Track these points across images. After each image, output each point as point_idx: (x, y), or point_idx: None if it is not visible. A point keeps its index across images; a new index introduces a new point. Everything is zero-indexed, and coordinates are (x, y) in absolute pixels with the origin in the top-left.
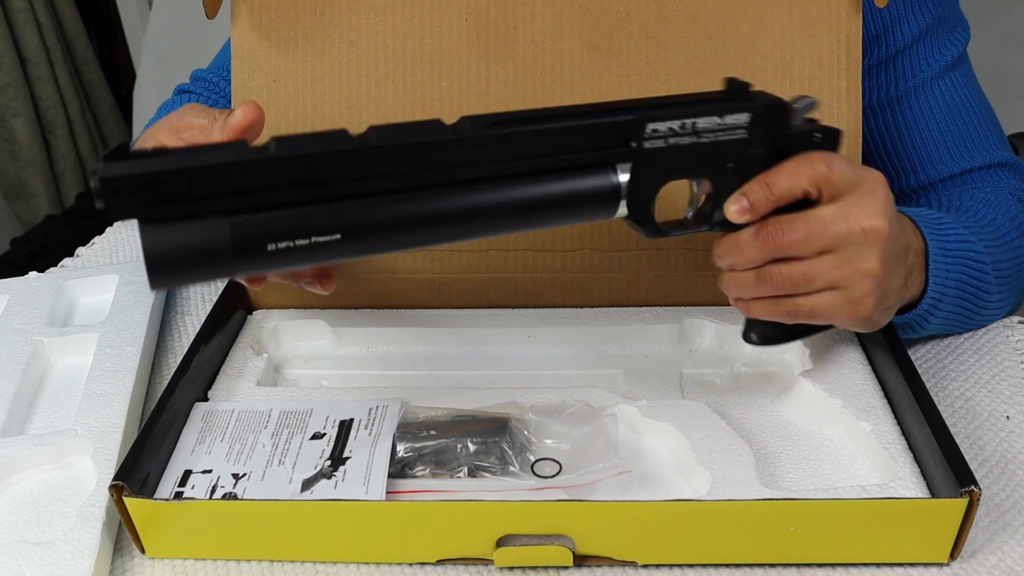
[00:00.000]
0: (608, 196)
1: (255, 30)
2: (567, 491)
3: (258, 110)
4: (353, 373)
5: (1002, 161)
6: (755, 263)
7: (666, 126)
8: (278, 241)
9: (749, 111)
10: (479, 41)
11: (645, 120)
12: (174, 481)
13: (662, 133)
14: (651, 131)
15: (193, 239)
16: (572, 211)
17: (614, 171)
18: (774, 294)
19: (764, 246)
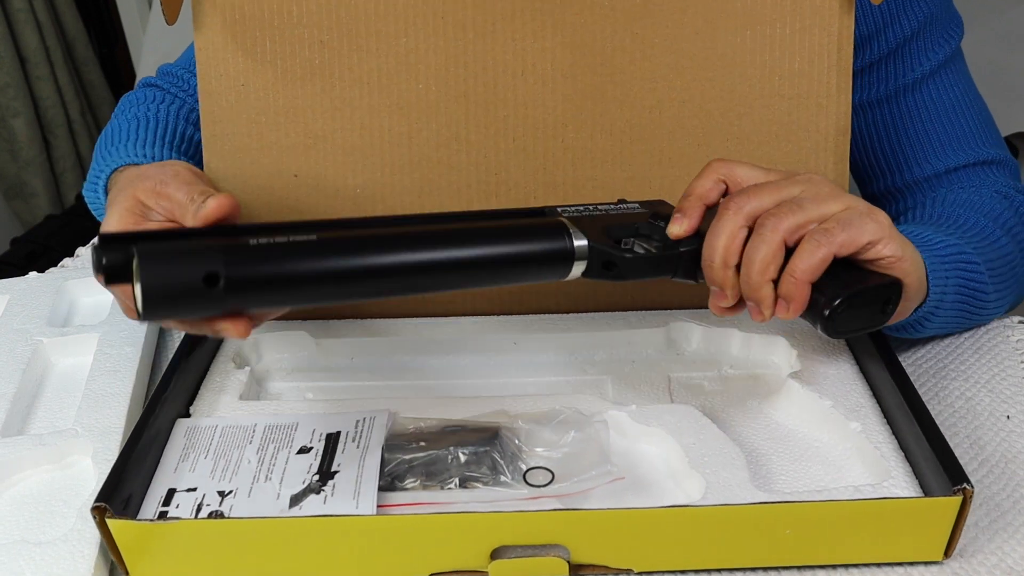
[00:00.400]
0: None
1: (220, 32)
2: (560, 500)
3: (232, 204)
4: (338, 385)
5: (991, 158)
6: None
7: (573, 208)
8: (259, 236)
9: (636, 203)
10: (456, 40)
11: (552, 207)
12: (158, 500)
13: (571, 211)
14: (561, 210)
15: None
16: (533, 267)
17: (569, 235)
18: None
19: (728, 208)
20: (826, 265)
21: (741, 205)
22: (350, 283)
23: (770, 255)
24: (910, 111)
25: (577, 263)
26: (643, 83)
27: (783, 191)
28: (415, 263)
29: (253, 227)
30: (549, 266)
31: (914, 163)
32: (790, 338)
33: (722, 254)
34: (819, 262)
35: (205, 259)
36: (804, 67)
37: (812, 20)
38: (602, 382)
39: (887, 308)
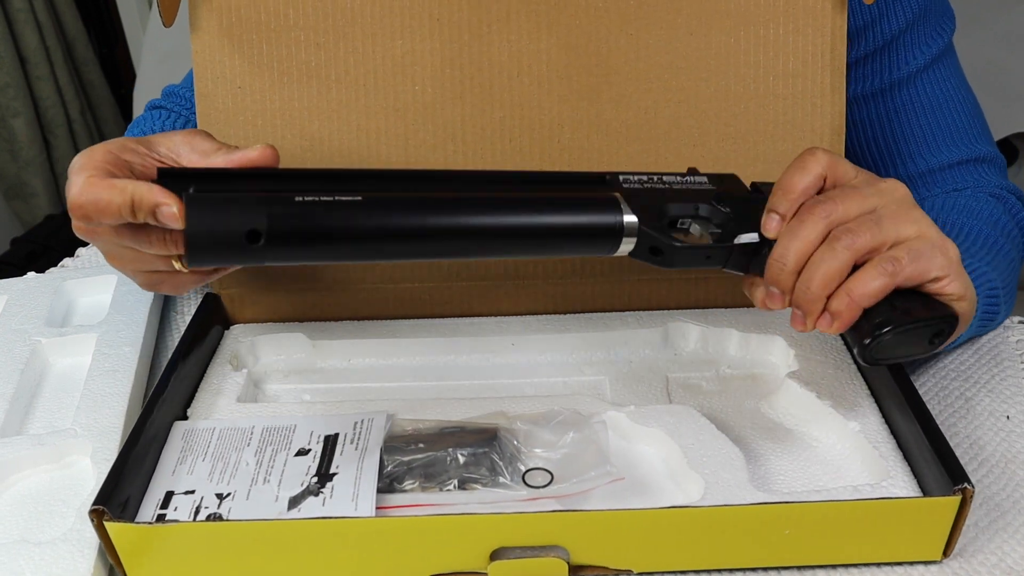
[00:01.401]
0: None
1: (217, 35)
2: (560, 501)
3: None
4: (335, 386)
5: (983, 156)
6: (814, 240)
7: (635, 177)
8: (305, 194)
9: (705, 175)
10: (452, 42)
11: (616, 173)
12: (156, 503)
13: (634, 181)
14: (624, 179)
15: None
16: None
17: (619, 209)
18: (855, 249)
19: (813, 213)
20: (885, 294)
21: (828, 213)
22: (391, 245)
23: (836, 271)
24: (903, 106)
25: (626, 241)
26: (638, 83)
27: (867, 201)
28: (459, 228)
29: (303, 174)
30: (596, 242)
31: (908, 158)
32: (788, 338)
33: (796, 259)
34: (878, 290)
35: (249, 216)
36: (798, 67)
37: (805, 20)
38: (600, 383)
39: (935, 340)
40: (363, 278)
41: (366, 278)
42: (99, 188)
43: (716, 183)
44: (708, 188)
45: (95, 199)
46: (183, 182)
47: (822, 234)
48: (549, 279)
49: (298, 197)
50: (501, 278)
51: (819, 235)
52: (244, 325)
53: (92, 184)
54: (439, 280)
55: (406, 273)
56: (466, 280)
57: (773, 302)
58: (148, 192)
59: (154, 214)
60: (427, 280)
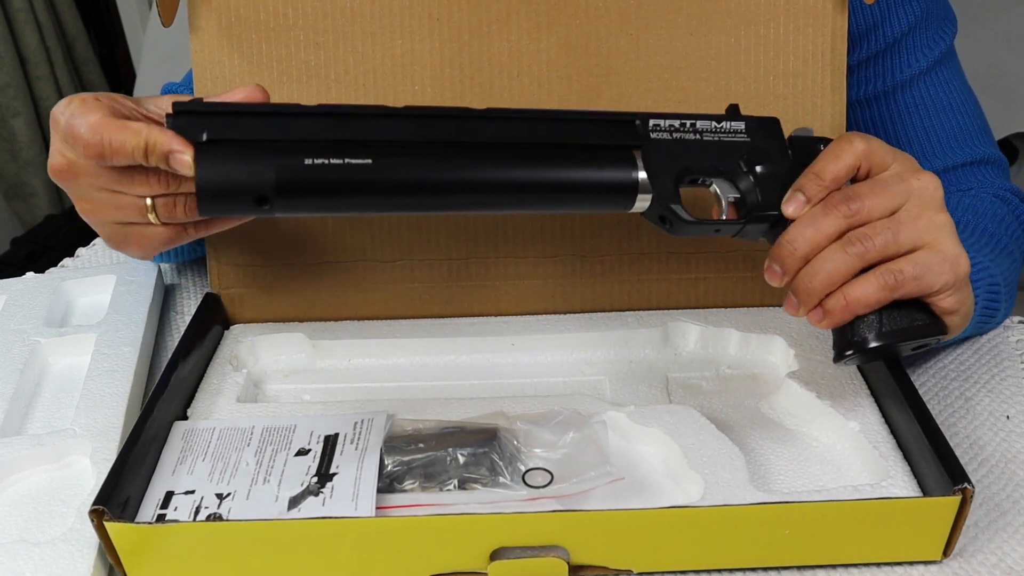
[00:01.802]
0: (627, 187)
1: (216, 34)
2: (560, 501)
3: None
4: (335, 386)
5: (985, 157)
6: (831, 235)
7: (667, 123)
8: (315, 156)
9: (743, 121)
10: (452, 41)
11: (648, 116)
12: (156, 503)
13: (664, 128)
14: (653, 125)
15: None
16: (592, 196)
17: (635, 163)
18: (866, 258)
19: (838, 209)
20: (880, 306)
21: (851, 213)
22: (399, 202)
23: (841, 273)
24: (907, 108)
25: (640, 199)
26: (638, 83)
27: (893, 201)
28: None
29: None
30: (610, 199)
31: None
32: (787, 337)
33: (807, 247)
34: (874, 301)
35: (258, 179)
36: (798, 67)
37: (806, 20)
38: (600, 383)
39: (918, 349)
40: (363, 278)
41: (366, 278)
42: (114, 128)
43: (753, 132)
44: (741, 140)
45: (110, 139)
46: (196, 119)
47: (840, 231)
48: (549, 279)
49: (307, 160)
50: (501, 278)
51: (836, 231)
52: (244, 325)
53: (106, 124)
54: (439, 280)
55: (405, 273)
56: (466, 280)
57: (772, 278)
58: (162, 137)
59: (167, 159)
60: (427, 280)
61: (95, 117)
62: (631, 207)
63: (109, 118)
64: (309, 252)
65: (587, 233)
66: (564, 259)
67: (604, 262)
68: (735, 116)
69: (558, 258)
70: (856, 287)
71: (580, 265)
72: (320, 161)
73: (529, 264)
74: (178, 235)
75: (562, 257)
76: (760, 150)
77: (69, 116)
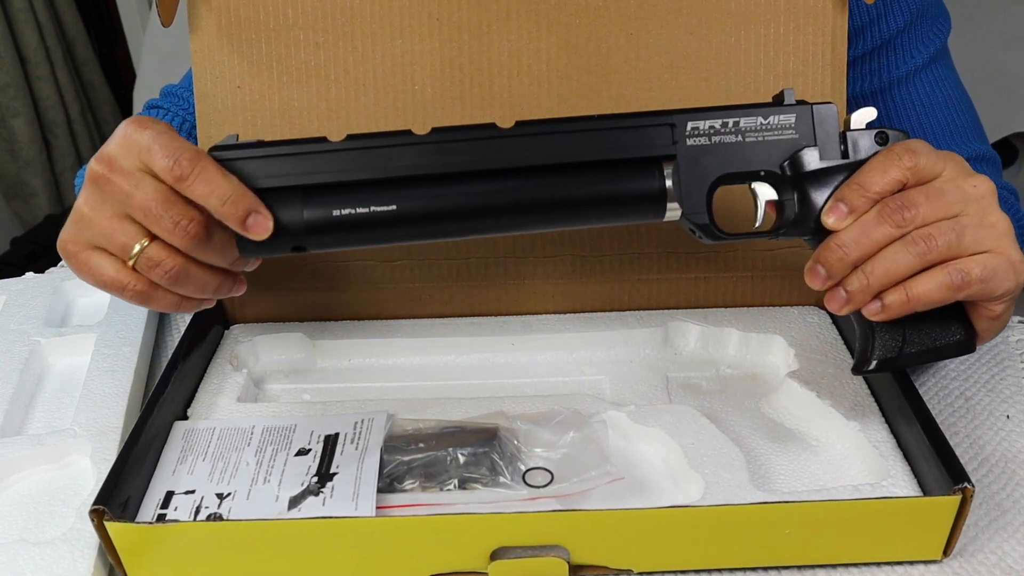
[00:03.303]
0: (654, 197)
1: (216, 34)
2: (560, 500)
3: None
4: (335, 386)
5: (978, 154)
6: (882, 243)
7: (707, 124)
8: (342, 208)
9: (794, 112)
10: (452, 41)
11: (687, 117)
12: (156, 503)
13: (703, 131)
14: (691, 129)
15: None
16: (619, 209)
17: (661, 174)
18: (928, 258)
19: (892, 218)
20: (943, 304)
21: (907, 220)
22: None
23: (902, 272)
24: (900, 105)
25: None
26: (638, 83)
27: (951, 208)
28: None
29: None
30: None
31: None
32: (788, 337)
33: (860, 254)
34: (939, 299)
35: (293, 233)
36: (798, 66)
37: (806, 20)
38: (600, 382)
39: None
40: (363, 278)
41: (366, 278)
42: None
43: (802, 124)
44: (788, 138)
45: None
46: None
47: (892, 239)
48: (549, 279)
49: (336, 211)
50: (501, 278)
51: (889, 239)
52: (244, 325)
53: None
54: (439, 280)
55: (405, 274)
56: (466, 281)
57: (813, 279)
58: (248, 195)
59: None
60: (427, 280)
61: (196, 149)
62: (662, 218)
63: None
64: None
65: (587, 233)
66: (564, 259)
67: (604, 262)
68: (785, 105)
69: (558, 258)
70: (920, 283)
71: (580, 265)
72: (347, 211)
73: (529, 264)
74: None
75: (562, 257)
76: (807, 149)
77: (161, 133)
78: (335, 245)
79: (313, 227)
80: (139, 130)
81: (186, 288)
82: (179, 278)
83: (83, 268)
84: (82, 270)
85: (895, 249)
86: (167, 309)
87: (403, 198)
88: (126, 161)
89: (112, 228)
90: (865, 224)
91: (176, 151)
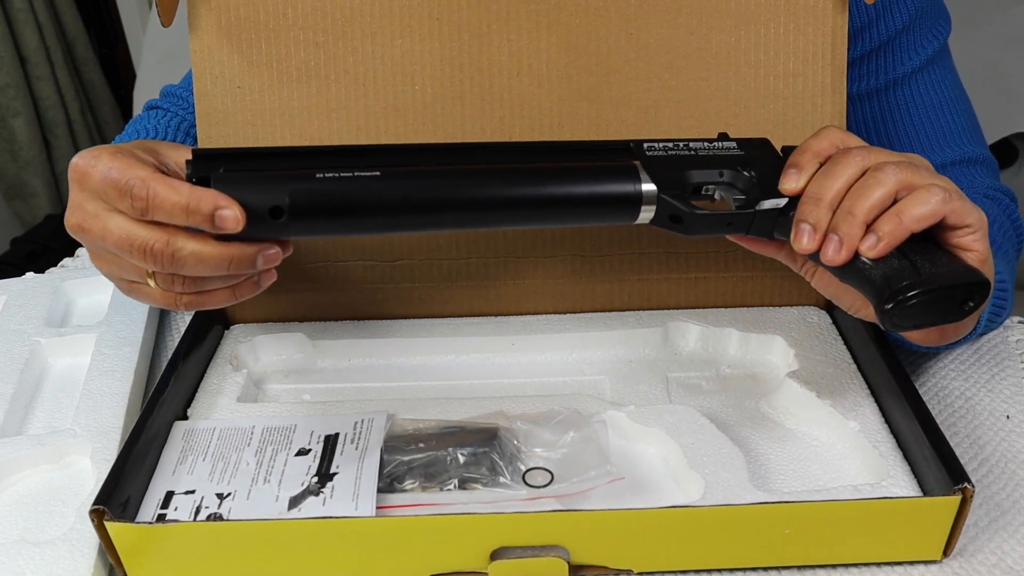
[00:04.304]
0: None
1: (216, 34)
2: (560, 500)
3: None
4: (335, 386)
5: (973, 157)
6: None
7: (660, 144)
8: (325, 171)
9: (735, 140)
10: (451, 41)
11: (640, 141)
12: (156, 503)
13: (659, 148)
14: (648, 147)
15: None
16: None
17: (637, 177)
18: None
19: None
20: (934, 220)
21: (862, 158)
22: (409, 217)
23: (884, 197)
24: (899, 105)
25: (644, 209)
26: (638, 83)
27: (891, 155)
28: (478, 199)
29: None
30: (616, 211)
31: None
32: (787, 337)
33: (833, 194)
34: (929, 213)
35: (271, 194)
36: (799, 67)
37: (806, 20)
38: (600, 382)
39: (965, 306)
40: (363, 278)
41: (366, 278)
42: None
43: (745, 148)
44: (735, 154)
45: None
46: (215, 161)
47: (857, 176)
48: (549, 279)
49: (319, 174)
50: (501, 278)
51: (855, 176)
52: (244, 325)
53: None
54: (439, 280)
55: (405, 274)
56: (465, 281)
57: (801, 238)
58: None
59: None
60: (427, 280)
61: (145, 172)
62: (636, 217)
63: (158, 174)
64: (309, 252)
65: (587, 233)
66: (564, 259)
67: (604, 262)
68: (726, 139)
69: (558, 258)
70: (907, 202)
71: (580, 265)
72: (331, 175)
73: (529, 264)
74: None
75: (562, 257)
76: (755, 156)
77: (107, 171)
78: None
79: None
80: (86, 173)
81: (215, 282)
82: (199, 282)
83: (139, 299)
84: (140, 300)
85: (868, 178)
86: (230, 302)
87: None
88: (90, 206)
89: (122, 267)
90: (825, 172)
91: (125, 185)
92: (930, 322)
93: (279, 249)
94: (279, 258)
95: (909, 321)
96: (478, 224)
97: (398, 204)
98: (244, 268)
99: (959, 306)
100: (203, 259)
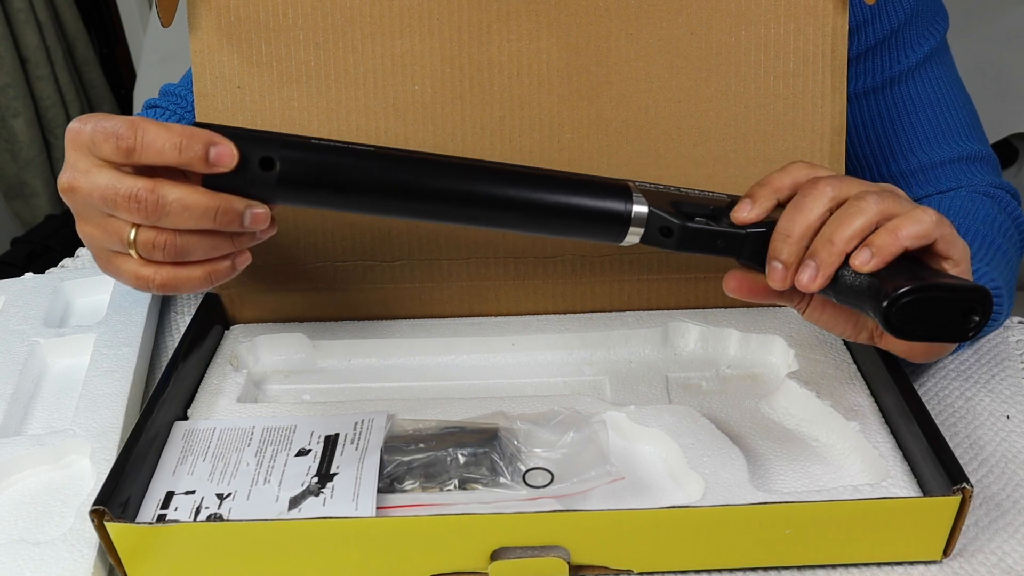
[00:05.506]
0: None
1: (215, 34)
2: (560, 500)
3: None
4: (335, 386)
5: (975, 154)
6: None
7: (652, 185)
8: (320, 138)
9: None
10: (451, 41)
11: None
12: (156, 503)
13: (651, 187)
14: (639, 184)
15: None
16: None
17: (629, 197)
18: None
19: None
20: (927, 241)
21: (832, 188)
22: (397, 199)
23: (865, 225)
24: (897, 102)
25: (633, 228)
26: (638, 83)
27: (866, 185)
28: (468, 193)
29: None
30: (605, 225)
31: (901, 155)
32: (787, 338)
33: (803, 231)
34: (923, 232)
35: (265, 145)
36: (799, 67)
37: (806, 20)
38: (600, 383)
39: (969, 318)
40: (363, 278)
41: (366, 278)
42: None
43: (733, 198)
44: (722, 197)
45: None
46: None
47: (828, 209)
48: (549, 279)
49: (314, 140)
50: (501, 278)
51: (825, 209)
52: (244, 325)
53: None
54: (439, 280)
55: (406, 274)
56: (466, 281)
57: (774, 276)
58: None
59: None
60: (427, 280)
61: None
62: (623, 237)
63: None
64: (309, 252)
65: None
66: (564, 259)
67: (604, 262)
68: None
69: (558, 258)
70: (900, 219)
71: (580, 265)
72: (326, 142)
73: (529, 264)
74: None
75: (562, 257)
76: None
77: (97, 122)
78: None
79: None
80: (79, 131)
81: (195, 252)
82: (181, 249)
83: (115, 274)
84: (115, 276)
85: (846, 210)
86: (204, 285)
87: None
88: (81, 163)
89: (104, 230)
90: (793, 206)
91: (113, 130)
92: (932, 332)
93: (267, 210)
94: (266, 221)
95: (910, 324)
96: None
97: (389, 180)
98: (230, 223)
99: (962, 317)
100: (189, 206)
